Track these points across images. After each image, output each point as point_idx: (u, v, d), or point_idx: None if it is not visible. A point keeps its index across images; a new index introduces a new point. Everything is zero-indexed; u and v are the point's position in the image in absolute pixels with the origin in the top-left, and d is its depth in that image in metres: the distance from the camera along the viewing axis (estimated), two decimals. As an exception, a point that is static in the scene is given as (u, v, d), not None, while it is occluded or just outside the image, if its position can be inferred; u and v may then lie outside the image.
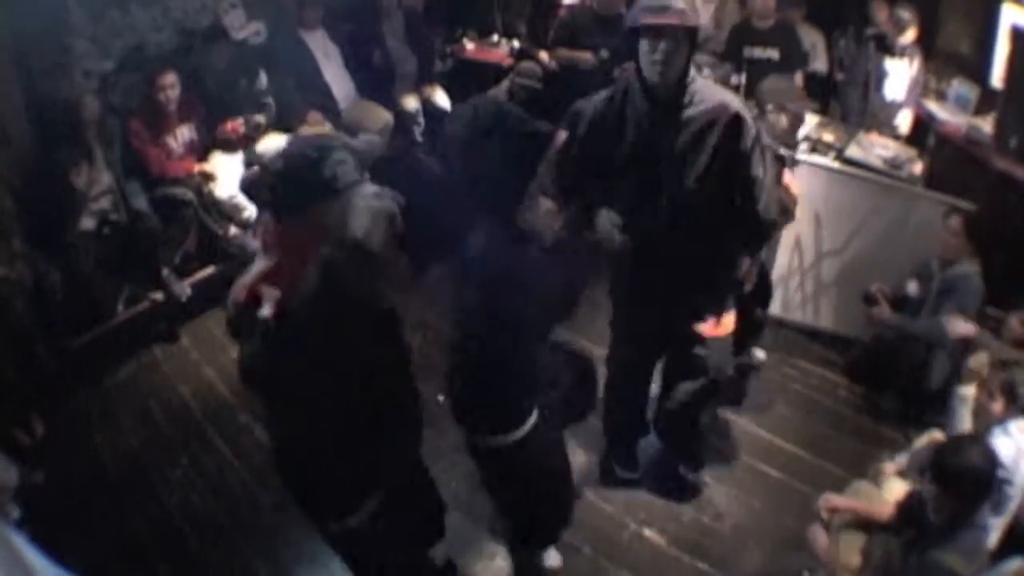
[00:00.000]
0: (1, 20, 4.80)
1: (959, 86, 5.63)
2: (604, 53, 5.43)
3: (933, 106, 5.61)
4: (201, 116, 5.47)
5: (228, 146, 5.59)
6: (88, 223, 4.97)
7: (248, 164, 5.62)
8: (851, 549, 3.23)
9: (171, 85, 5.17)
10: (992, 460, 2.83)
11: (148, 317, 5.21)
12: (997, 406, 3.14)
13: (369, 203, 2.41)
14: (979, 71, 5.50)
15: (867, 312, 4.44)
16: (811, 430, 4.52)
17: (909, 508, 3.08)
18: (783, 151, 4.14)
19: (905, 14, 5.50)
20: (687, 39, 2.91)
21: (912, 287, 4.43)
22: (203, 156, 5.48)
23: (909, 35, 5.56)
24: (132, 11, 5.55)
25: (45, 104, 5.05)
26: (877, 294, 4.41)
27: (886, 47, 5.65)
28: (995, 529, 3.01)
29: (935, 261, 4.34)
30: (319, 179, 2.42)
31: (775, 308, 5.17)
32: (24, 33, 4.92)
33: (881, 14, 5.86)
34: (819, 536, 3.34)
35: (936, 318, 4.13)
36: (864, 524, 3.27)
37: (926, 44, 5.77)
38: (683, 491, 4.11)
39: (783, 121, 4.32)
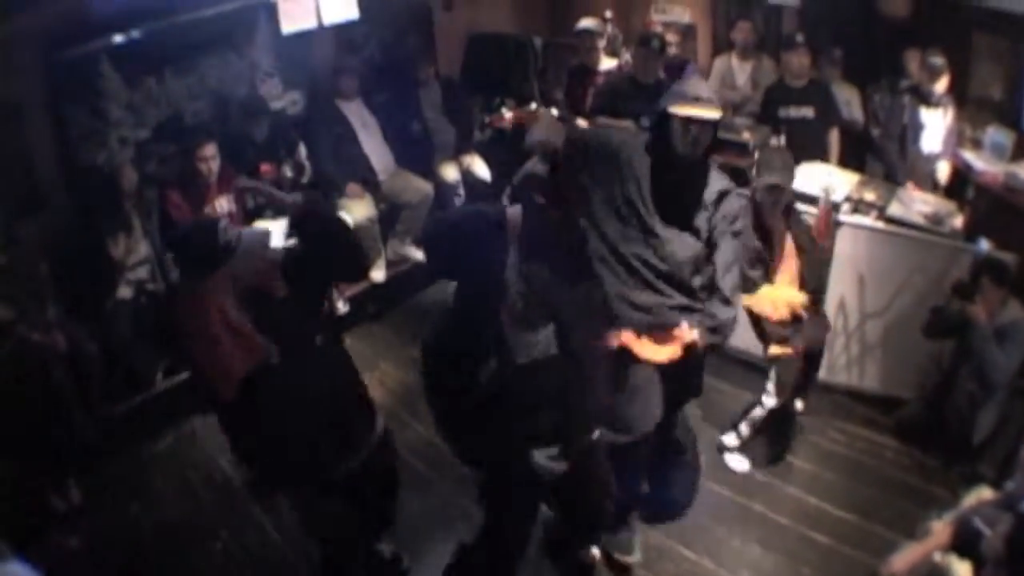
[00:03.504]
0: (37, 84, 4.88)
1: (994, 133, 5.54)
2: (645, 121, 5.40)
3: (970, 155, 5.54)
4: (239, 187, 5.46)
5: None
6: (125, 292, 5.02)
7: (288, 235, 5.65)
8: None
9: (212, 156, 5.18)
10: None
11: (187, 388, 5.12)
12: None
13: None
14: (1013, 115, 5.44)
15: (963, 308, 4.30)
16: (858, 493, 4.41)
17: (966, 536, 3.02)
18: None
19: (937, 60, 5.39)
20: (711, 124, 3.36)
21: None
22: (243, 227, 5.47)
23: (943, 83, 5.45)
24: (167, 79, 5.60)
25: (82, 171, 5.12)
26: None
27: (922, 97, 5.56)
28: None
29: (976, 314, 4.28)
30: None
31: (820, 371, 5.07)
32: (60, 98, 4.99)
33: (914, 64, 5.80)
34: None
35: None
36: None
37: (958, 92, 5.67)
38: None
39: None
